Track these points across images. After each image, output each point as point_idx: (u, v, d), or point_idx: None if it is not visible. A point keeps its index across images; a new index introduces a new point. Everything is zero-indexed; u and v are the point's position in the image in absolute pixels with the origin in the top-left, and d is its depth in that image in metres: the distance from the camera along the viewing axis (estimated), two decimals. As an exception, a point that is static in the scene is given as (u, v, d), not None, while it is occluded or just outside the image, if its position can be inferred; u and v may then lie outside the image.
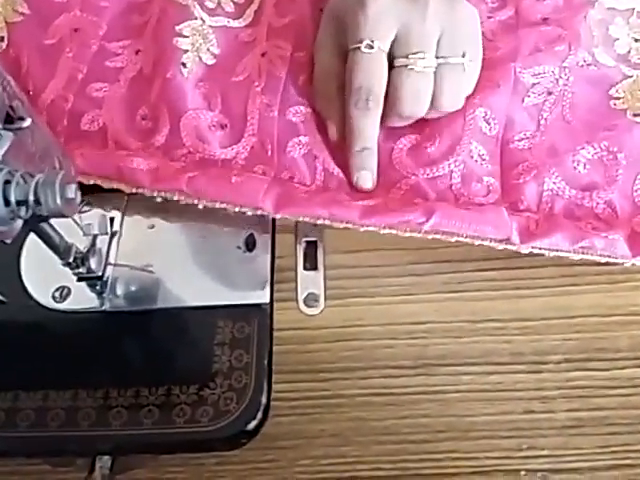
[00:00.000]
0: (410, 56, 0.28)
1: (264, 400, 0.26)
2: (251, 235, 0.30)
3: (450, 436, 0.25)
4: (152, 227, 0.30)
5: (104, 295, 0.28)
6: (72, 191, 0.18)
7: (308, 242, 0.31)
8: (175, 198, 0.29)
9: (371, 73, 0.28)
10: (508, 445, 0.25)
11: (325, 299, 0.29)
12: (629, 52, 0.34)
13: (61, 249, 0.25)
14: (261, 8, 0.36)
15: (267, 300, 0.28)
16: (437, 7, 0.28)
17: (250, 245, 0.30)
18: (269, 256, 0.30)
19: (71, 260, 0.26)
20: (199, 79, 0.33)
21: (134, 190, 0.29)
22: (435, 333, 0.28)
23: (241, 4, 0.36)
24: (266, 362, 0.27)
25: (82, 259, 0.27)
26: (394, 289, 0.29)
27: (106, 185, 0.29)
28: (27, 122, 0.18)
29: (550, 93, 0.33)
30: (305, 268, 0.30)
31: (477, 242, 0.28)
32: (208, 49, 0.34)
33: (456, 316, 0.28)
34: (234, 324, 0.28)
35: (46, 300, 0.28)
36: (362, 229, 0.28)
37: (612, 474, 0.24)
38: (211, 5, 0.36)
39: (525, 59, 0.33)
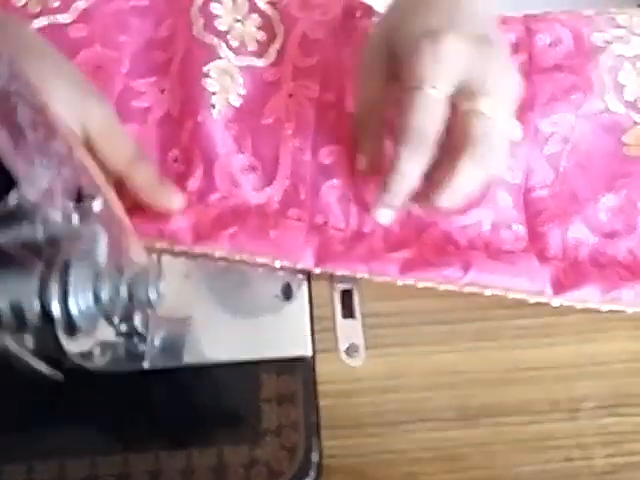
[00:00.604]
0: (480, 102, 0.26)
1: (316, 458, 0.26)
2: (288, 283, 0.30)
3: (498, 487, 0.26)
4: (188, 276, 0.30)
5: (144, 352, 0.28)
6: (164, 286, 0.18)
7: (344, 290, 0.31)
8: (217, 255, 0.28)
9: (430, 117, 0.26)
10: (552, 494, 0.26)
11: (366, 349, 0.29)
12: (637, 99, 0.35)
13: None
14: (284, 47, 0.36)
15: (310, 353, 0.28)
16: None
17: (287, 293, 0.30)
18: (307, 305, 0.30)
19: (116, 319, 0.25)
20: (228, 120, 0.33)
21: (176, 249, 0.29)
22: (475, 383, 0.28)
23: (264, 42, 0.36)
24: (314, 418, 0.27)
25: (127, 316, 0.26)
26: (431, 338, 0.30)
27: (149, 244, 0.28)
28: (98, 200, 0.18)
29: (567, 142, 0.34)
30: (343, 317, 0.30)
31: (511, 295, 0.29)
32: (236, 90, 0.34)
33: (493, 365, 0.29)
34: (278, 378, 0.27)
35: (85, 357, 0.27)
36: (400, 282, 0.29)
37: (649, 519, 0.25)
38: (235, 44, 0.35)
39: (542, 107, 0.34)
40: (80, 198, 0.18)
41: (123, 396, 0.27)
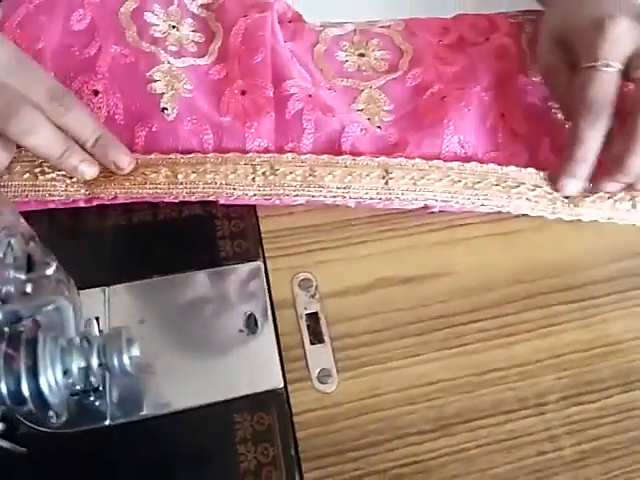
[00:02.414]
0: None
1: (300, 493, 0.25)
2: (251, 315, 0.29)
3: (478, 491, 0.27)
4: (142, 322, 0.28)
5: (104, 408, 0.26)
6: (137, 348, 0.17)
7: (309, 314, 0.30)
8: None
9: (604, 90, 0.30)
10: (529, 489, 0.27)
11: (337, 372, 0.29)
12: None
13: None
14: (225, 45, 0.36)
15: (281, 384, 0.28)
16: None
17: (252, 326, 0.29)
18: (274, 336, 0.29)
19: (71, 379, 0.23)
20: (185, 115, 0.33)
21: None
22: (448, 391, 0.29)
23: (202, 43, 0.37)
24: (293, 452, 0.26)
25: (84, 374, 0.24)
26: (401, 352, 0.30)
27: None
28: (52, 267, 0.16)
29: (503, 115, 0.36)
30: (311, 343, 0.29)
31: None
32: (183, 86, 0.34)
33: (462, 370, 0.30)
34: (252, 416, 0.27)
35: (40, 421, 0.25)
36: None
37: (619, 498, 0.27)
38: (174, 48, 0.36)
39: (480, 81, 0.37)
40: (32, 267, 0.16)
41: (89, 455, 0.25)
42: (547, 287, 0.32)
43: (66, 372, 0.15)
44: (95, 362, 0.16)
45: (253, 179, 0.31)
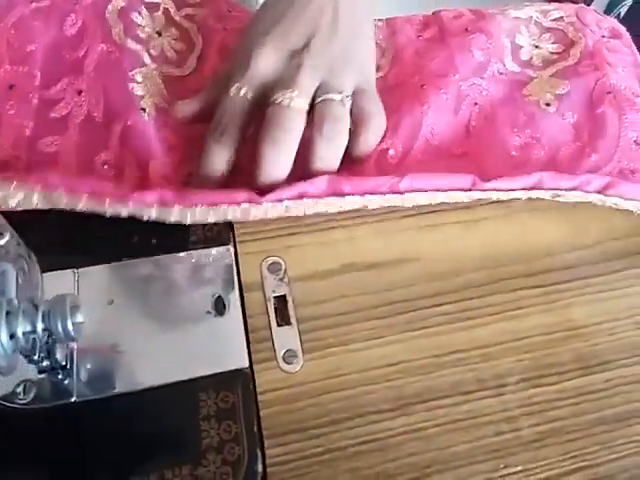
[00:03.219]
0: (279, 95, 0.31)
1: (260, 468, 0.26)
2: (219, 297, 0.30)
3: (436, 469, 0.27)
4: (111, 302, 0.29)
5: (71, 385, 0.27)
6: (81, 315, 0.17)
7: (277, 297, 0.31)
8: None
9: (230, 112, 0.31)
10: (487, 468, 0.28)
11: (303, 353, 0.29)
12: (531, 58, 0.40)
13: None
14: (202, 57, 0.37)
15: (247, 364, 0.28)
16: (314, 62, 0.31)
17: (220, 308, 0.30)
18: (241, 317, 0.30)
19: (36, 356, 0.24)
20: (160, 124, 0.33)
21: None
22: (408, 372, 0.30)
23: (183, 52, 0.37)
24: (256, 429, 0.27)
25: (48, 351, 0.25)
26: (364, 334, 0.31)
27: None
28: (5, 238, 0.17)
29: (476, 104, 0.37)
30: (278, 324, 0.30)
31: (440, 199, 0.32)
32: (161, 94, 0.34)
33: (423, 352, 0.30)
34: (217, 395, 0.27)
35: (9, 397, 0.26)
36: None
37: (575, 476, 0.28)
38: (154, 53, 0.36)
39: (459, 70, 0.37)
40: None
41: (55, 432, 0.26)
42: (511, 273, 0.33)
43: (12, 336, 0.16)
44: (40, 326, 0.17)
45: None
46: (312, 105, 0.32)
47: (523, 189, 0.33)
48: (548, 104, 0.37)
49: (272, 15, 0.33)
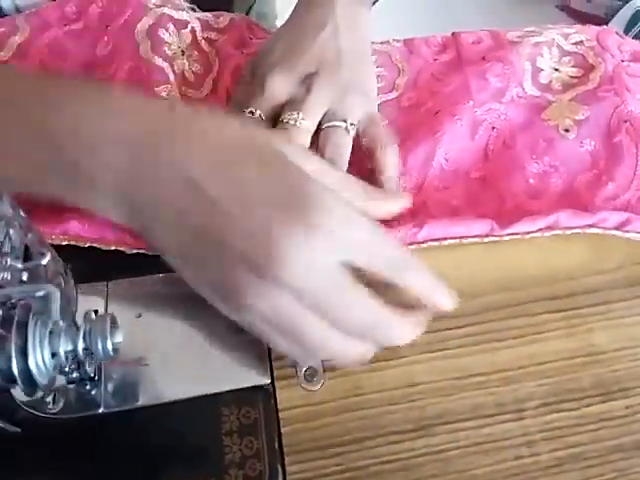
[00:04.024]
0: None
1: (281, 485, 0.26)
2: (242, 314, 0.30)
3: (455, 492, 0.27)
4: (139, 316, 0.30)
5: (99, 396, 0.27)
6: (120, 335, 0.18)
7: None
8: None
9: None
10: (506, 492, 0.28)
11: (324, 371, 0.30)
12: (550, 81, 0.40)
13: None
14: (217, 79, 0.38)
15: (268, 380, 0.29)
16: (321, 89, 0.33)
17: (243, 325, 0.30)
18: (264, 334, 0.30)
19: (67, 368, 0.25)
20: None
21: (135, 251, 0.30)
22: (429, 393, 0.30)
23: (200, 74, 0.38)
24: (277, 445, 0.27)
25: (78, 363, 0.25)
26: (385, 354, 0.31)
27: (104, 247, 0.30)
28: (47, 257, 0.18)
29: (494, 128, 0.37)
30: (300, 342, 0.30)
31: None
32: None
33: (444, 374, 0.30)
34: (239, 410, 0.28)
35: (38, 406, 0.26)
36: None
37: (594, 505, 0.28)
38: (177, 71, 0.37)
39: (475, 98, 0.37)
40: (29, 256, 0.18)
41: (82, 441, 0.26)
42: (533, 296, 0.33)
43: (54, 355, 0.17)
44: (81, 345, 0.17)
45: None
46: (319, 129, 0.33)
47: (539, 230, 0.33)
48: (567, 130, 0.37)
49: (283, 46, 0.34)
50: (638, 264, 0.35)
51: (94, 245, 0.30)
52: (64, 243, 0.30)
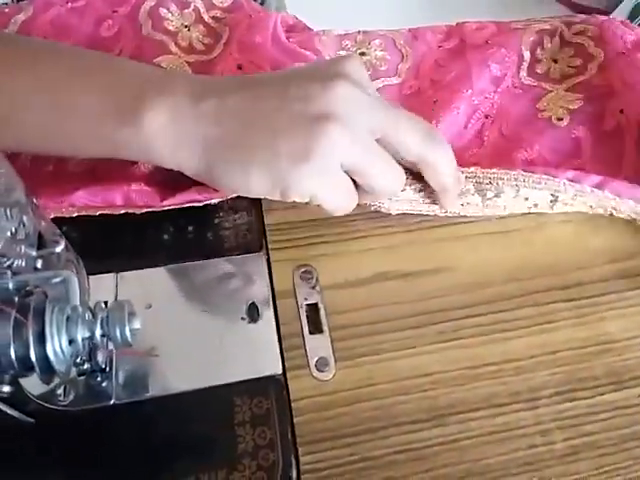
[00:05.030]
0: None
1: (295, 475, 0.26)
2: (253, 304, 0.30)
3: (470, 481, 0.27)
4: (149, 307, 0.29)
5: (110, 388, 0.27)
6: (138, 322, 0.18)
7: (309, 305, 0.31)
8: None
9: None
10: (521, 481, 0.28)
11: (335, 361, 0.30)
12: (548, 70, 0.40)
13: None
14: (228, 41, 0.38)
15: (280, 371, 0.29)
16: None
17: (254, 315, 0.30)
18: (274, 324, 0.30)
19: (79, 359, 0.25)
20: None
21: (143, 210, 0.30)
22: (441, 383, 0.30)
23: (211, 44, 0.39)
24: (290, 435, 0.27)
25: (89, 354, 0.25)
26: (397, 344, 0.31)
27: (114, 212, 0.30)
28: (61, 245, 0.17)
29: (487, 117, 0.37)
30: (310, 332, 0.30)
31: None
32: None
33: (456, 364, 0.30)
34: (252, 400, 0.28)
35: (48, 398, 0.26)
36: None
37: (609, 493, 0.27)
38: (184, 44, 0.38)
39: (474, 85, 0.37)
40: (42, 244, 0.17)
41: (94, 433, 0.26)
42: (544, 285, 0.33)
43: (71, 341, 0.16)
44: (98, 332, 0.17)
45: None
46: None
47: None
48: (560, 119, 0.37)
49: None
50: (647, 253, 0.34)
51: (105, 212, 0.30)
52: (74, 215, 0.30)
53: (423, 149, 0.29)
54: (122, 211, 0.30)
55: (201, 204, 0.31)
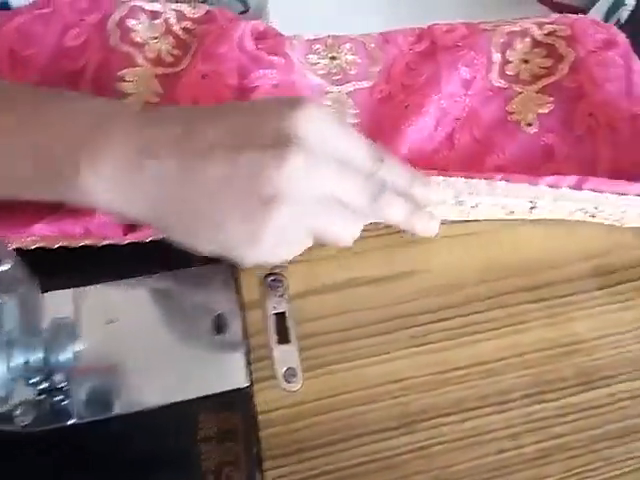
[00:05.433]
0: None
1: (261, 490, 0.26)
2: (219, 316, 0.30)
3: (439, 488, 0.27)
4: (111, 322, 0.29)
5: (70, 407, 0.26)
6: (80, 343, 0.17)
7: (277, 314, 0.31)
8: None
9: None
10: (490, 486, 0.27)
11: (303, 371, 0.29)
12: (518, 72, 0.39)
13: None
14: (196, 53, 0.37)
15: (246, 383, 0.28)
16: None
17: (220, 327, 0.29)
18: (241, 335, 0.29)
19: (35, 379, 0.24)
20: None
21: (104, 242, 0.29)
22: (412, 389, 0.29)
23: (179, 56, 0.38)
24: (255, 451, 0.26)
25: (46, 373, 0.24)
26: (367, 350, 0.30)
27: (73, 245, 0.29)
28: (8, 264, 0.17)
29: (458, 119, 0.37)
30: (279, 342, 0.30)
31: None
32: (153, 90, 0.35)
33: (427, 369, 0.30)
34: (217, 415, 0.27)
35: (7, 419, 0.25)
36: None
37: (579, 495, 0.28)
38: (151, 55, 0.37)
39: (443, 88, 0.37)
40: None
41: (54, 453, 0.25)
42: (513, 286, 0.33)
43: (9, 368, 0.16)
44: (39, 355, 0.16)
45: None
46: None
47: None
48: (530, 124, 0.37)
49: None
50: (616, 252, 0.34)
51: (64, 245, 0.29)
52: (34, 246, 0.29)
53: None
54: (81, 243, 0.29)
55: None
